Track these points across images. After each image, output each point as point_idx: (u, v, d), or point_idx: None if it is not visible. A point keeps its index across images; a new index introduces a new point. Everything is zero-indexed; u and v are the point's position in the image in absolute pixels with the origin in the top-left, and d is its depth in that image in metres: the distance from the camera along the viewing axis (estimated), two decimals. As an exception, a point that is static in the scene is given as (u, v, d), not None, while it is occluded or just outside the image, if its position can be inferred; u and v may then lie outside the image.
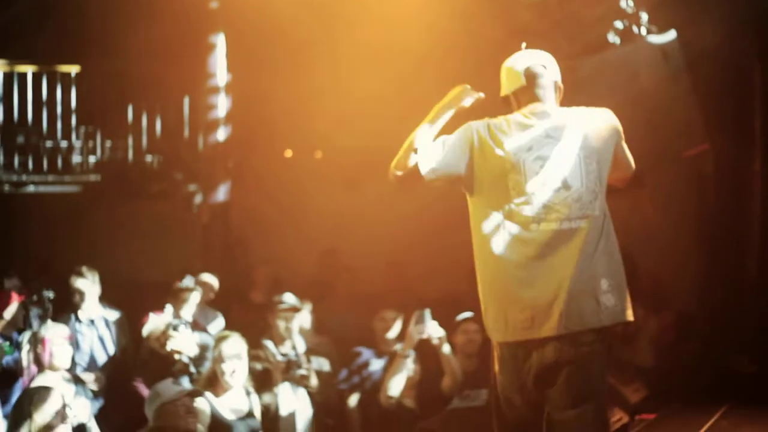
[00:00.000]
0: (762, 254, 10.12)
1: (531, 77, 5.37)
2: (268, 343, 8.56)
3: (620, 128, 5.39)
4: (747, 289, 10.18)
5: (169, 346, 8.14)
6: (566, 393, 5.02)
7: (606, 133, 5.29)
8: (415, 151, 5.33)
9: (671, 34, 9.75)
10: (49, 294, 9.39)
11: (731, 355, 9.63)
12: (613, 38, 9.94)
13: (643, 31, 9.81)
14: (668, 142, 6.98)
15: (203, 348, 8.58)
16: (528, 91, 5.37)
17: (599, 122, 5.32)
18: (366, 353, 9.08)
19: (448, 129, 5.43)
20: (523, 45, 5.59)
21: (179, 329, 8.21)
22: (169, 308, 9.23)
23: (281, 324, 8.61)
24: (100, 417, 8.41)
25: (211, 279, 10.37)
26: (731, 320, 9.86)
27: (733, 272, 10.24)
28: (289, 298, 8.79)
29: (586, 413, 5.02)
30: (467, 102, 5.50)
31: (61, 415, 5.94)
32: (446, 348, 8.29)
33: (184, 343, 8.25)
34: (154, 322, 8.81)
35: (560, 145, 5.19)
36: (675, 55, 9.69)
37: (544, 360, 5.03)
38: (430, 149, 5.28)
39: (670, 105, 9.57)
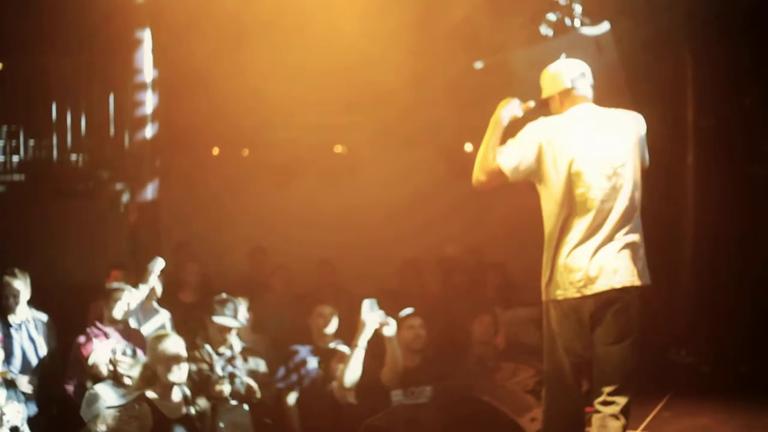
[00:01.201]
0: (695, 247, 10.19)
1: (576, 81, 6.56)
2: (205, 344, 8.45)
3: (644, 129, 6.54)
4: (682, 282, 10.25)
5: (120, 371, 7.96)
6: (614, 331, 6.28)
7: (639, 133, 6.48)
8: (493, 158, 6.32)
9: (605, 26, 9.73)
10: None
11: (669, 348, 9.68)
12: (545, 30, 9.91)
13: (577, 23, 9.78)
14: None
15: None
16: (572, 93, 6.52)
17: (633, 123, 6.51)
18: (303, 351, 9.02)
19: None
20: (563, 55, 6.92)
21: (127, 353, 8.05)
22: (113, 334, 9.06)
23: (219, 330, 8.50)
24: (31, 421, 8.26)
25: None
26: (667, 313, 9.90)
27: (668, 265, 10.27)
28: (228, 311, 8.63)
29: (626, 346, 6.32)
30: (519, 113, 6.59)
31: None
32: (393, 337, 8.23)
33: (132, 367, 8.09)
34: (99, 351, 8.56)
35: (608, 140, 6.32)
36: (609, 47, 9.67)
37: (601, 307, 6.23)
38: (507, 154, 6.31)
39: (603, 98, 9.54)
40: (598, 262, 6.18)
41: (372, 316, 8.16)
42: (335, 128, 13.28)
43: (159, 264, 9.86)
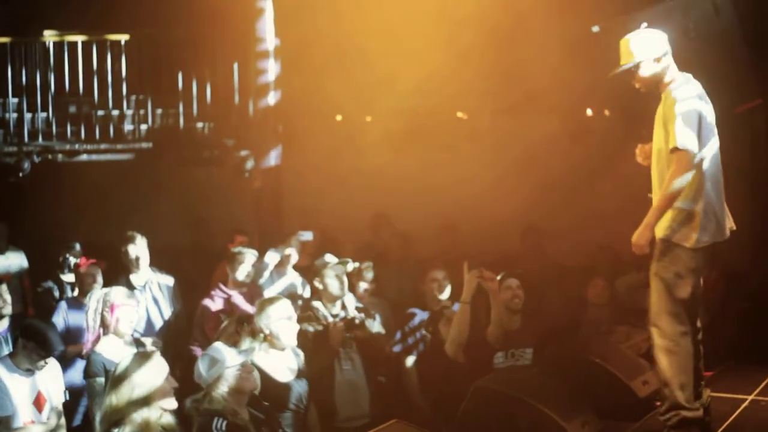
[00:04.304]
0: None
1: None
2: (317, 304, 8.58)
3: None
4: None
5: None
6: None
7: None
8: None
9: (723, -13, 9.62)
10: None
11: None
12: (663, -7, 9.83)
13: (695, -17, 9.69)
14: (720, 98, 6.97)
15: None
16: (668, 55, 6.81)
17: None
18: (420, 314, 9.08)
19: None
20: (644, 25, 6.95)
21: None
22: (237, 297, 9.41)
23: (332, 283, 8.61)
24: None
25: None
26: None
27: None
28: (331, 258, 8.81)
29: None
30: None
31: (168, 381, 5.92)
32: (496, 293, 8.24)
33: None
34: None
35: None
36: (727, 8, 9.56)
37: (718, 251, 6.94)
38: (691, 139, 6.52)
39: (722, 60, 9.44)
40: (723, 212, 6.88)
41: (474, 273, 8.18)
42: (455, 95, 13.28)
43: (306, 235, 10.08)
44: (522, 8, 11.66)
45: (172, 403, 5.87)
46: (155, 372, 5.85)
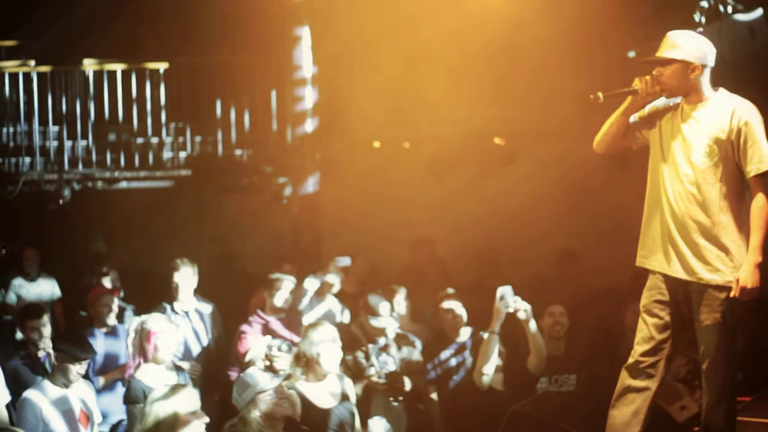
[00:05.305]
0: None
1: None
2: (357, 331, 8.61)
3: None
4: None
5: (276, 366, 8.10)
6: None
7: None
8: None
9: (758, 12, 9.61)
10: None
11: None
12: (698, 18, 9.83)
13: (729, 9, 9.69)
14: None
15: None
16: (708, 70, 6.08)
17: None
18: (452, 345, 9.06)
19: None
20: (699, 29, 6.65)
21: (283, 349, 8.20)
22: (275, 323, 9.34)
23: (372, 332, 8.64)
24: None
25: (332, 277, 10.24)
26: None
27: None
28: (385, 311, 8.75)
29: None
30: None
31: (195, 414, 6.00)
32: (532, 323, 8.21)
33: (287, 362, 8.18)
34: (255, 346, 8.79)
35: None
36: (762, 31, 9.55)
37: None
38: None
39: (757, 82, 9.40)
40: None
41: (504, 302, 8.13)
42: (492, 120, 13.32)
43: (344, 261, 10.08)
44: (557, 35, 11.68)
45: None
46: (179, 404, 5.91)
